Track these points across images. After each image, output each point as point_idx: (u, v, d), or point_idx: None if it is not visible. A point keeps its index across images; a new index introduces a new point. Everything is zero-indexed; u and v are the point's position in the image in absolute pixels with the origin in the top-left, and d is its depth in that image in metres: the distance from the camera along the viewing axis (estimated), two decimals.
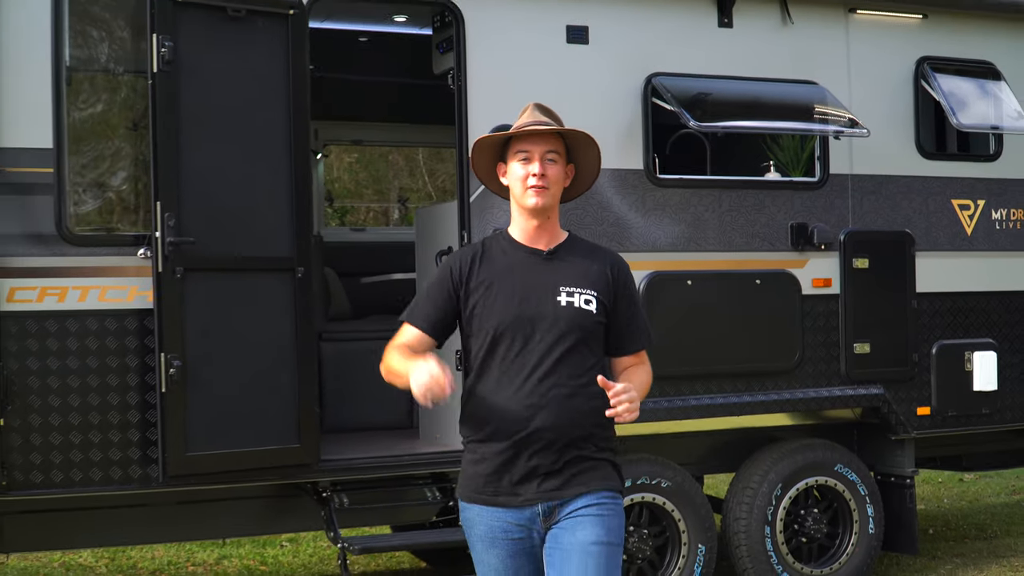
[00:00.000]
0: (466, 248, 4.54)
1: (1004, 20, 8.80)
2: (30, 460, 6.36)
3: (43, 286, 6.41)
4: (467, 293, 4.40)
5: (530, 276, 4.40)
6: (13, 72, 6.37)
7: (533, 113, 4.47)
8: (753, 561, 7.95)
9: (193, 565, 10.02)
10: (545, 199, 4.37)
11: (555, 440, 4.27)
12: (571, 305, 4.35)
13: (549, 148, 4.39)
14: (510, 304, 4.34)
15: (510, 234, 4.51)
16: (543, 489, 4.29)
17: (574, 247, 4.50)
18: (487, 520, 4.35)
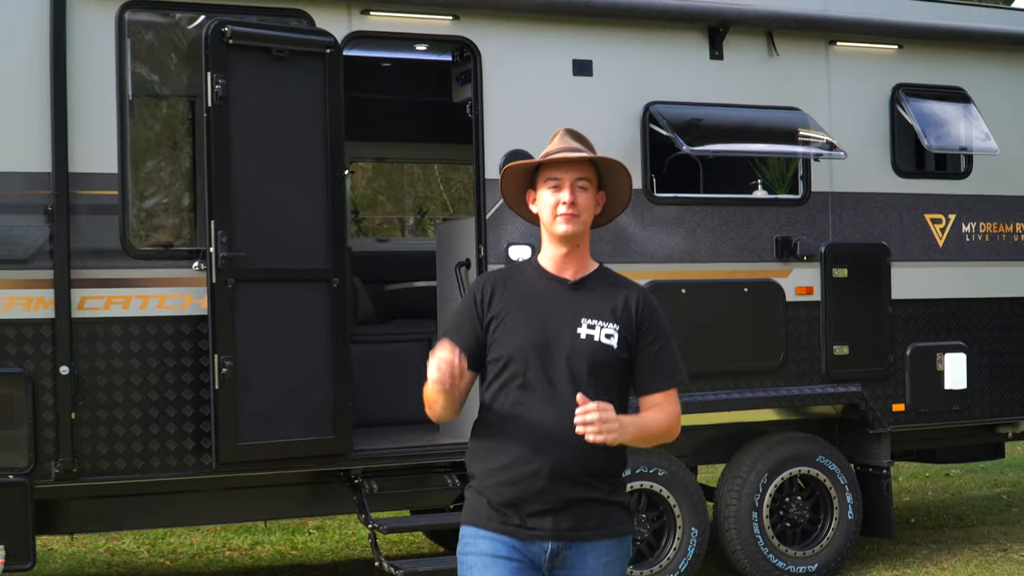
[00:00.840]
0: (493, 272, 4.41)
1: (973, 48, 9.54)
2: (97, 450, 7.17)
3: (109, 295, 7.22)
4: (489, 319, 4.27)
5: (552, 305, 4.27)
6: (82, 105, 7.16)
7: (564, 139, 4.36)
8: (742, 544, 8.74)
9: (229, 550, 10.82)
10: (575, 226, 4.24)
11: (568, 476, 4.13)
12: (591, 338, 4.20)
13: (580, 175, 4.27)
14: (528, 332, 4.21)
15: (539, 262, 4.38)
16: (553, 527, 4.14)
17: (601, 278, 4.36)
18: (492, 542, 4.19)
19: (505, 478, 4.15)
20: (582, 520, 4.14)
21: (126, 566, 10.27)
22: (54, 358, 7.07)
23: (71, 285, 7.10)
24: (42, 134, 7.08)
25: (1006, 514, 11.67)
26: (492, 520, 4.17)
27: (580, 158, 4.26)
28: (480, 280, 4.40)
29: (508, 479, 4.15)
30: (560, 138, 4.36)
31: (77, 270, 7.14)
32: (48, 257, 7.08)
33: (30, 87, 7.11)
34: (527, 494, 4.12)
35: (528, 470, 4.12)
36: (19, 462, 7.06)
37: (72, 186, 7.13)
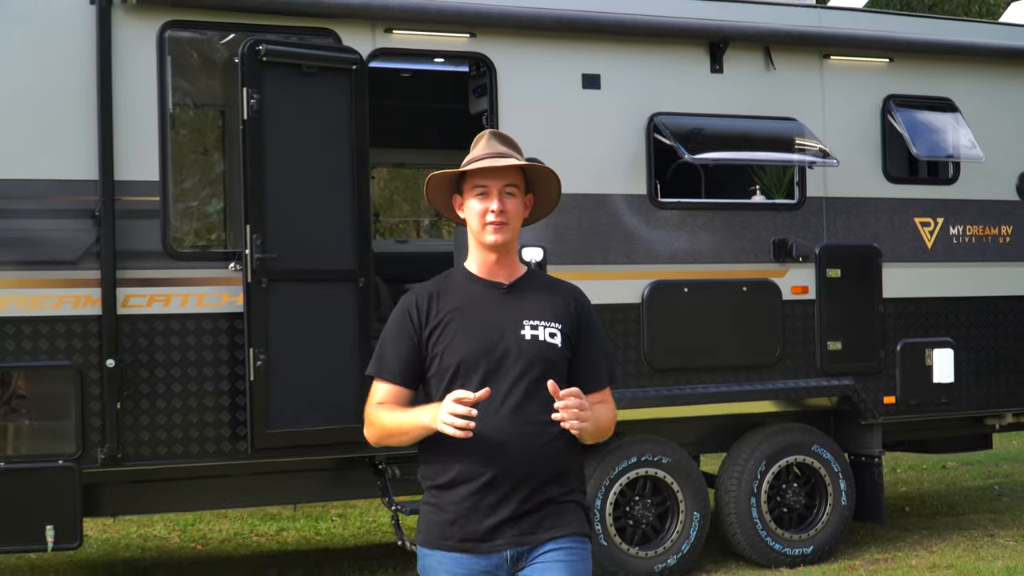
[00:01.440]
0: (420, 287, 4.27)
1: (960, 61, 10.08)
2: (140, 437, 7.74)
3: (151, 294, 7.80)
4: (429, 333, 4.15)
5: (492, 310, 4.18)
6: (126, 118, 7.73)
7: (490, 142, 4.22)
8: (741, 527, 9.29)
9: (256, 536, 11.41)
10: (505, 235, 4.15)
11: (523, 481, 4.05)
12: (536, 338, 4.13)
13: (507, 182, 4.15)
14: (472, 339, 4.11)
15: (467, 268, 4.27)
16: (511, 534, 4.06)
17: (534, 281, 4.30)
18: (450, 568, 4.09)
19: (461, 492, 4.06)
20: (539, 522, 4.07)
21: (158, 550, 10.85)
22: (101, 352, 7.65)
23: (116, 284, 7.67)
24: (89, 144, 7.66)
25: (996, 503, 12.21)
26: (448, 538, 4.07)
27: (507, 166, 4.14)
28: (408, 297, 4.25)
29: (464, 492, 4.05)
30: (485, 143, 4.23)
31: (122, 270, 7.70)
32: (95, 258, 7.66)
33: (78, 101, 7.68)
34: (483, 505, 4.03)
35: (484, 480, 4.03)
36: (68, 448, 7.64)
37: (117, 192, 7.70)
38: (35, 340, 7.57)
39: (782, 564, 9.30)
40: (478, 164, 4.14)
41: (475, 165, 4.15)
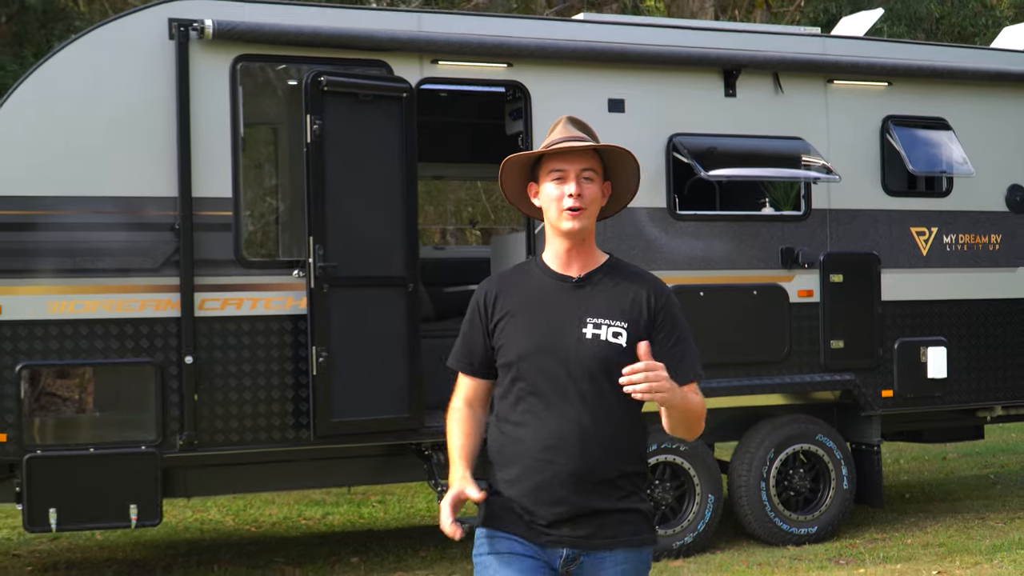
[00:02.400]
0: (494, 277, 4.24)
1: (953, 84, 10.94)
2: (214, 425, 8.69)
3: (224, 298, 8.73)
4: (494, 325, 4.10)
5: (556, 305, 4.06)
6: (203, 141, 8.67)
7: (566, 127, 4.11)
8: (752, 509, 10.19)
9: (304, 519, 12.35)
10: (582, 222, 4.01)
11: (580, 484, 3.97)
12: (596, 338, 3.99)
13: (585, 166, 4.03)
14: (531, 336, 4.02)
15: (543, 260, 4.16)
16: (569, 535, 4.00)
17: (611, 272, 4.12)
18: (509, 541, 4.05)
19: (519, 489, 4.01)
20: (597, 529, 4.00)
21: (216, 532, 11.80)
22: (179, 350, 8.59)
23: (194, 289, 8.60)
24: (170, 165, 8.59)
25: (991, 490, 13.07)
26: (510, 524, 4.03)
27: (585, 147, 4.03)
28: (482, 286, 4.21)
29: (522, 490, 4.00)
30: (563, 127, 4.12)
31: (198, 277, 8.63)
32: (175, 266, 8.59)
33: (159, 126, 8.61)
34: (540, 504, 3.98)
35: (540, 479, 3.97)
36: (149, 436, 8.58)
37: (194, 208, 8.63)
38: (121, 340, 8.51)
39: (789, 542, 10.18)
40: (556, 147, 4.02)
41: (553, 147, 4.03)
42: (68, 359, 8.44)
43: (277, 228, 10.26)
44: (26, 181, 8.39)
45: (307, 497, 13.43)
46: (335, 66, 8.93)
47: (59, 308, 8.40)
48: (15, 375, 8.30)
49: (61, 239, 8.44)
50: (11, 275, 8.35)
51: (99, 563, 10.26)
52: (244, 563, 10.08)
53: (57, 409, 8.66)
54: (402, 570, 9.66)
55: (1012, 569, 9.03)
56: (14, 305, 8.33)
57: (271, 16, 8.94)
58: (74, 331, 8.41)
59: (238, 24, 8.69)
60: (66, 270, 8.43)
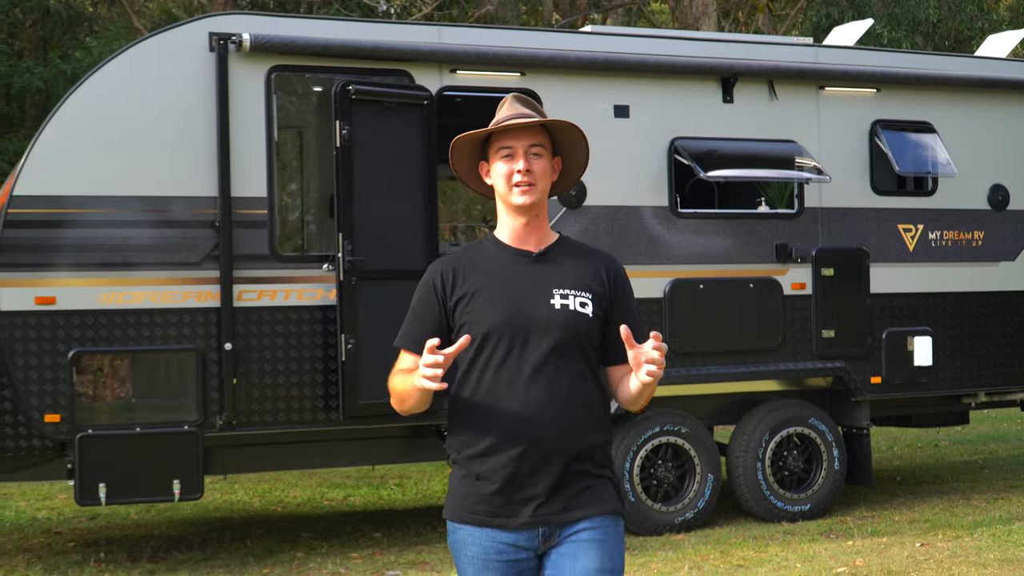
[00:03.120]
0: (447, 257, 4.21)
1: (938, 90, 11.66)
2: (251, 407, 9.41)
3: (260, 289, 9.46)
4: (455, 303, 4.06)
5: (520, 278, 4.06)
6: (241, 145, 9.39)
7: (513, 105, 4.12)
8: (749, 488, 10.90)
9: (327, 500, 13.09)
10: (533, 196, 4.03)
11: (554, 455, 3.96)
12: (565, 308, 4.02)
13: (533, 142, 4.05)
14: (500, 309, 4.01)
15: (497, 237, 4.17)
16: (542, 512, 3.98)
17: (566, 248, 4.18)
18: (480, 541, 4.02)
19: (491, 464, 3.98)
20: (570, 501, 4.00)
21: (244, 512, 12.53)
22: (219, 337, 9.31)
23: (232, 282, 9.33)
24: (210, 167, 9.32)
25: (978, 474, 13.76)
26: (478, 512, 4.02)
27: (531, 123, 4.04)
28: (435, 267, 4.18)
29: (494, 464, 3.97)
30: (509, 105, 4.14)
31: (237, 270, 9.36)
32: (215, 261, 9.32)
33: (201, 131, 9.34)
34: (514, 479, 3.96)
35: (514, 453, 3.95)
36: (191, 417, 9.31)
37: (233, 207, 9.35)
38: (165, 328, 9.24)
39: (783, 519, 10.88)
40: (503, 124, 4.06)
41: (500, 125, 4.06)
42: (117, 346, 9.17)
43: (302, 225, 10.95)
44: (79, 182, 9.12)
45: (328, 480, 14.18)
46: (361, 75, 9.65)
47: (109, 299, 9.12)
48: (68, 360, 9.03)
49: (111, 235, 9.16)
50: (65, 268, 9.08)
51: (137, 539, 10.98)
52: (274, 538, 10.81)
53: (106, 392, 9.40)
54: (422, 544, 10.36)
55: (991, 542, 9.72)
56: (68, 296, 9.05)
57: (303, 30, 9.68)
58: (122, 320, 9.14)
59: (273, 37, 9.42)
60: (115, 264, 9.16)
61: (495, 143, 4.09)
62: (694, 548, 9.82)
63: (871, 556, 9.26)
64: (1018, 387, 12.02)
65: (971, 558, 9.09)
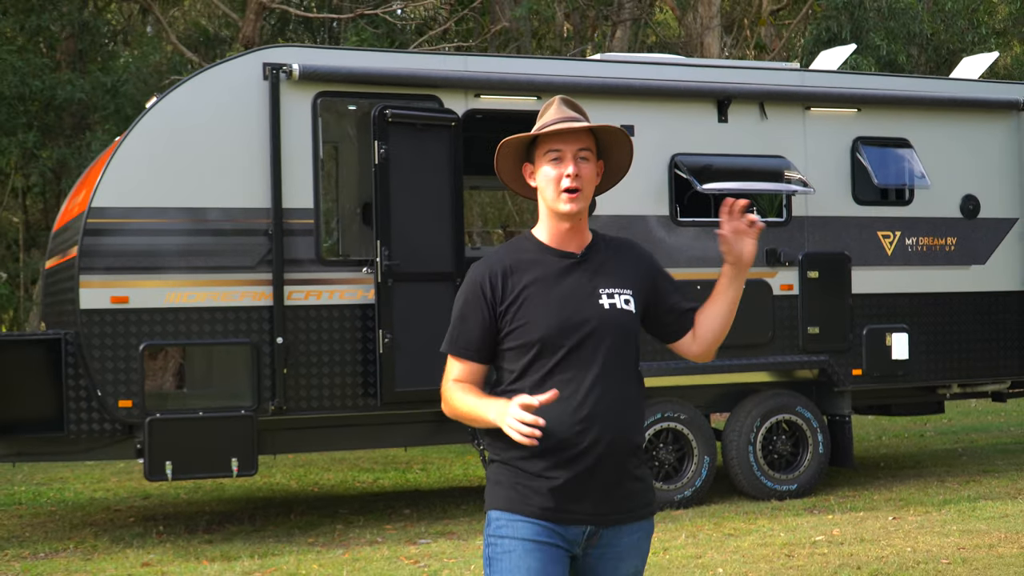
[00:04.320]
0: (491, 259, 4.18)
1: (914, 109, 12.85)
2: (299, 393, 10.64)
3: (307, 290, 10.68)
4: (505, 308, 4.06)
5: (568, 281, 4.09)
6: (291, 162, 10.60)
7: (560, 108, 4.13)
8: (741, 469, 12.11)
9: (358, 482, 14.32)
10: (580, 204, 4.07)
11: (610, 455, 4.01)
12: (614, 307, 4.09)
13: (581, 146, 4.08)
14: (553, 313, 4.03)
15: (537, 237, 4.19)
16: (593, 510, 4.03)
17: (605, 246, 4.23)
18: (529, 533, 4.03)
19: (547, 464, 3.99)
20: (620, 502, 4.07)
21: (284, 492, 13.76)
22: (271, 332, 10.53)
23: (283, 283, 10.55)
24: (264, 181, 10.54)
25: (955, 460, 14.94)
26: (529, 505, 4.02)
27: (581, 127, 4.07)
28: (480, 269, 4.17)
29: (551, 464, 3.99)
30: (556, 107, 4.14)
31: (287, 273, 10.57)
32: (268, 264, 10.54)
33: (256, 150, 10.56)
34: (572, 479, 3.99)
35: (573, 453, 3.98)
36: (247, 402, 10.53)
37: (284, 217, 10.57)
38: (224, 324, 10.47)
39: (772, 497, 12.09)
40: (553, 127, 4.06)
41: (550, 128, 4.06)
42: (182, 340, 10.41)
43: (344, 232, 12.19)
44: (149, 194, 10.35)
45: (359, 465, 15.43)
46: (396, 100, 10.87)
47: (175, 298, 10.35)
48: (139, 353, 10.26)
49: (177, 242, 10.40)
50: (137, 272, 10.31)
51: (190, 515, 12.22)
52: (315, 514, 12.04)
53: (172, 380, 10.65)
54: (448, 518, 11.58)
55: (956, 516, 10.91)
56: (139, 296, 10.29)
57: (345, 60, 10.95)
58: (187, 317, 10.37)
59: (319, 67, 10.66)
60: (181, 267, 10.39)
61: (542, 146, 4.10)
62: (691, 521, 11.03)
63: (847, 527, 10.47)
64: (988, 379, 13.23)
65: (936, 529, 10.28)
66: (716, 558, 9.37)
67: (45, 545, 10.71)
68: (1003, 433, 17.95)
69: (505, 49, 25.19)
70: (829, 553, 9.41)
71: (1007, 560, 9.03)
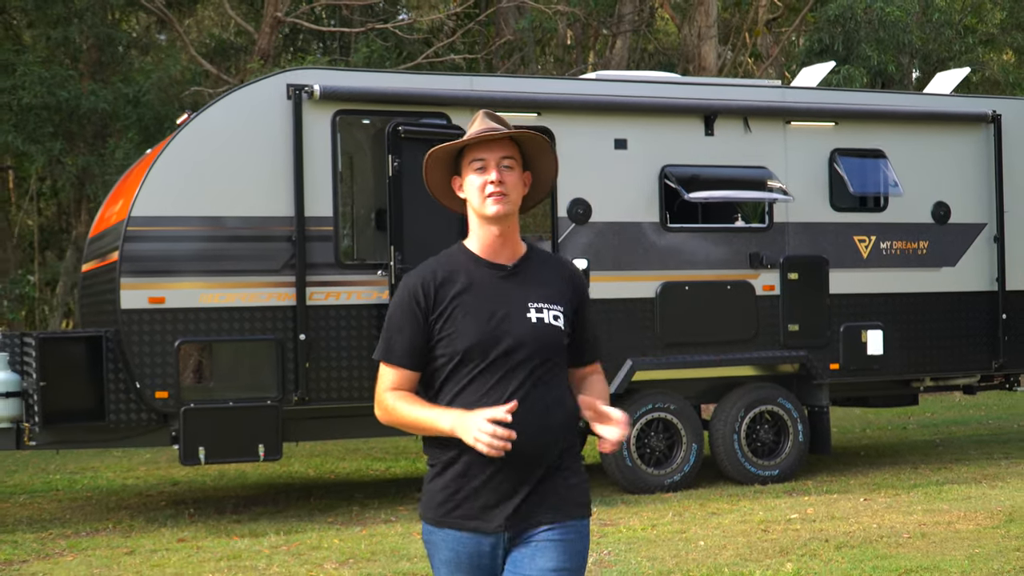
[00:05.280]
0: (423, 269, 4.26)
1: (888, 122, 13.83)
2: (319, 385, 11.63)
3: (327, 291, 11.67)
4: (436, 317, 4.14)
5: (496, 293, 4.16)
6: (312, 174, 11.56)
7: (483, 120, 4.22)
8: (727, 456, 13.08)
9: (371, 471, 15.31)
10: (505, 206, 4.14)
11: (533, 460, 4.09)
12: (541, 322, 4.16)
13: (504, 154, 4.16)
14: (479, 325, 4.10)
15: (468, 248, 4.26)
16: (514, 516, 4.11)
17: (534, 260, 4.27)
18: (452, 545, 4.15)
19: (465, 470, 4.10)
20: (540, 505, 4.13)
21: (302, 479, 14.77)
22: (295, 330, 11.52)
23: (305, 285, 11.55)
24: (288, 192, 11.54)
25: (932, 450, 15.90)
26: (452, 516, 4.13)
27: (503, 135, 4.15)
28: (412, 280, 4.24)
29: (469, 472, 4.09)
30: (480, 120, 4.23)
31: (308, 276, 11.57)
32: (291, 268, 11.53)
33: (280, 163, 11.56)
34: (489, 486, 4.08)
35: (491, 462, 4.05)
36: (272, 393, 11.54)
37: (306, 224, 11.57)
38: (252, 322, 11.47)
39: (755, 482, 13.05)
40: (475, 136, 4.17)
41: (472, 137, 4.18)
42: (213, 336, 11.41)
43: (354, 237, 13.21)
44: (183, 204, 11.36)
45: (371, 455, 16.44)
46: (408, 117, 11.87)
47: (207, 299, 11.35)
48: (175, 348, 11.26)
49: (209, 248, 11.41)
50: (173, 275, 11.33)
51: (217, 499, 13.22)
52: (332, 498, 13.04)
53: (205, 373, 11.66)
54: None
55: (922, 497, 11.90)
56: (174, 296, 11.30)
57: (361, 81, 11.97)
58: (218, 316, 11.37)
59: (338, 87, 11.67)
60: (213, 271, 11.39)
61: (467, 156, 4.23)
62: (678, 502, 12.03)
63: (820, 507, 11.48)
64: (959, 373, 14.23)
65: (902, 509, 11.28)
66: (699, 533, 10.37)
67: (85, 525, 11.71)
68: (981, 426, 18.94)
69: (510, 59, 26.16)
70: (801, 528, 10.41)
71: (963, 535, 10.01)
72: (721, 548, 9.73)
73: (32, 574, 9.61)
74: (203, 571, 9.44)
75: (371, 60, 22.32)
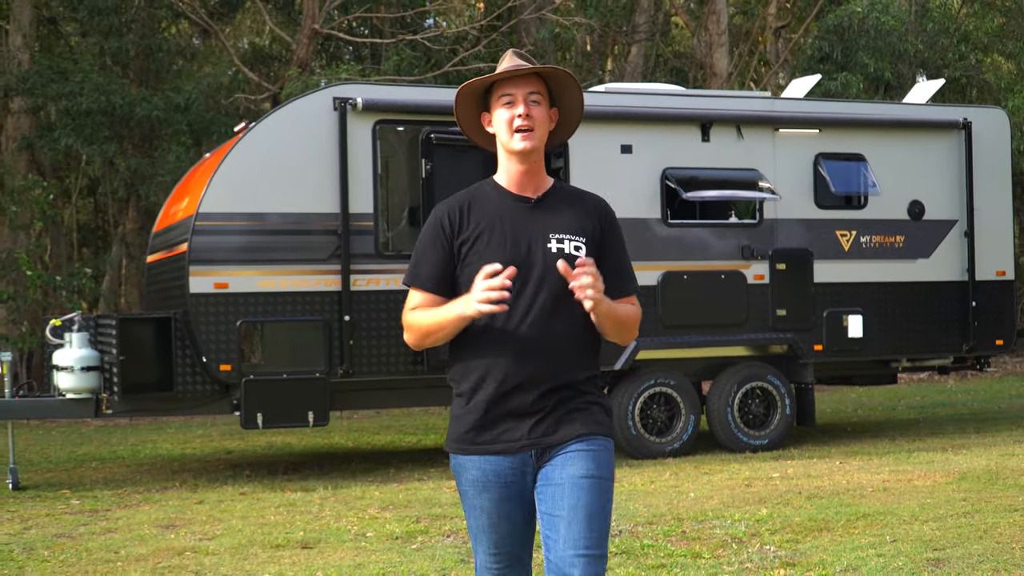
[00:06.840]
0: (452, 199, 4.42)
1: (868, 129, 15.35)
2: (361, 360, 13.23)
3: (368, 278, 13.29)
4: (461, 243, 4.27)
5: (519, 223, 4.26)
6: (355, 176, 13.20)
7: (512, 59, 4.32)
8: (721, 427, 14.63)
9: (404, 443, 16.92)
10: (532, 141, 4.24)
11: (548, 384, 4.21)
12: (561, 251, 4.21)
13: (532, 89, 4.26)
14: (501, 251, 4.20)
15: (496, 181, 4.37)
16: (535, 434, 4.23)
17: (560, 193, 4.38)
18: (479, 465, 4.29)
19: (486, 395, 4.25)
20: (560, 420, 4.27)
21: (342, 448, 16.40)
22: (340, 312, 13.15)
23: (350, 272, 13.18)
24: (334, 191, 13.16)
25: (915, 427, 17.34)
26: (472, 442, 4.30)
27: (529, 70, 4.26)
28: (441, 208, 4.39)
29: (489, 397, 4.24)
30: (508, 58, 4.34)
31: (352, 264, 13.18)
32: (337, 258, 13.15)
33: (327, 166, 13.18)
34: (508, 408, 4.24)
35: (509, 386, 4.21)
36: (320, 367, 13.14)
37: (350, 220, 13.20)
38: (303, 305, 13.11)
39: (747, 450, 14.60)
40: (503, 72, 4.29)
41: (501, 73, 4.30)
42: (269, 317, 13.06)
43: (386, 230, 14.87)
44: (244, 202, 13.00)
45: (404, 430, 18.07)
46: (439, 126, 13.46)
47: (265, 285, 12.99)
48: (236, 328, 12.91)
49: (266, 240, 13.04)
50: (235, 263, 12.96)
51: (269, 463, 14.86)
52: (370, 463, 14.67)
53: (262, 349, 13.31)
54: None
55: (891, 461, 13.43)
56: (237, 282, 12.95)
57: (399, 94, 13.63)
58: (274, 299, 13.02)
59: (378, 100, 13.32)
60: (270, 260, 13.02)
61: (496, 92, 4.34)
62: (676, 465, 13.60)
63: (800, 468, 13.07)
64: (932, 355, 15.76)
65: (872, 470, 12.83)
66: (690, 487, 11.98)
67: (155, 484, 13.34)
68: (964, 408, 20.39)
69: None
70: (780, 484, 12.00)
71: (919, 489, 11.56)
72: (708, 498, 11.31)
73: (117, 519, 11.20)
74: (266, 514, 11.07)
75: (400, 68, 23.82)
